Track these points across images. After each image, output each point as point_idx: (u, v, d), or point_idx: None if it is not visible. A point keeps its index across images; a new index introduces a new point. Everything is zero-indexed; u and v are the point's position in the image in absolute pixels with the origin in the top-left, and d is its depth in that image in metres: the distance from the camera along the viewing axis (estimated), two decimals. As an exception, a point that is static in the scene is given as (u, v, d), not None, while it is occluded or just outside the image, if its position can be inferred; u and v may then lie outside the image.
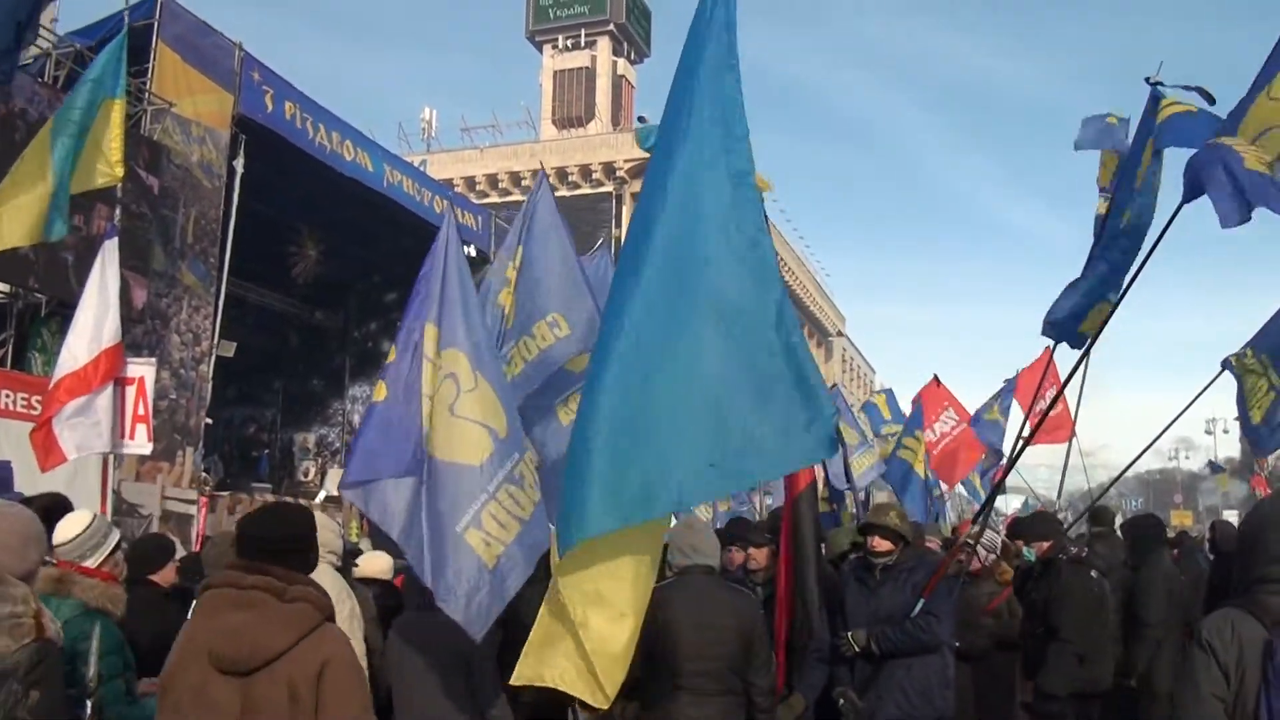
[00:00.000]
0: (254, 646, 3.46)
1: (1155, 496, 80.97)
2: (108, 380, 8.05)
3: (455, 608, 4.81)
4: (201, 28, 18.46)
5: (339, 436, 28.69)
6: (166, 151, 17.43)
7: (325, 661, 3.49)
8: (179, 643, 3.67)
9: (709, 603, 4.42)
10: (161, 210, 17.39)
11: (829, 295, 78.46)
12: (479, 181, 54.20)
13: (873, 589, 6.32)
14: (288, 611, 3.54)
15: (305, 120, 20.52)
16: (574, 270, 7.49)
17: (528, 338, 7.30)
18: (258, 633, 3.47)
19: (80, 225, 15.27)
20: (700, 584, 5.23)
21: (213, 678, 3.48)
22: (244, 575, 3.62)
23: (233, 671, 3.46)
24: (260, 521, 3.87)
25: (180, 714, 3.52)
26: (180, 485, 17.06)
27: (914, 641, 6.04)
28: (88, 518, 4.88)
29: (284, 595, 3.57)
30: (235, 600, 3.58)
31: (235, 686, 3.46)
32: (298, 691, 3.43)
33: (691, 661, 5.10)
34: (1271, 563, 3.31)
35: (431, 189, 24.97)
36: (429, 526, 5.00)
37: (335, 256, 25.56)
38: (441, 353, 5.46)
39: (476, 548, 4.83)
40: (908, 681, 6.05)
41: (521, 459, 5.13)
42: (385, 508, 5.18)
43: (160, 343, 17.39)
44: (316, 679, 3.46)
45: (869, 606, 6.27)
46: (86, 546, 4.72)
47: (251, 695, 3.44)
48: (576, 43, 56.89)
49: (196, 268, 18.44)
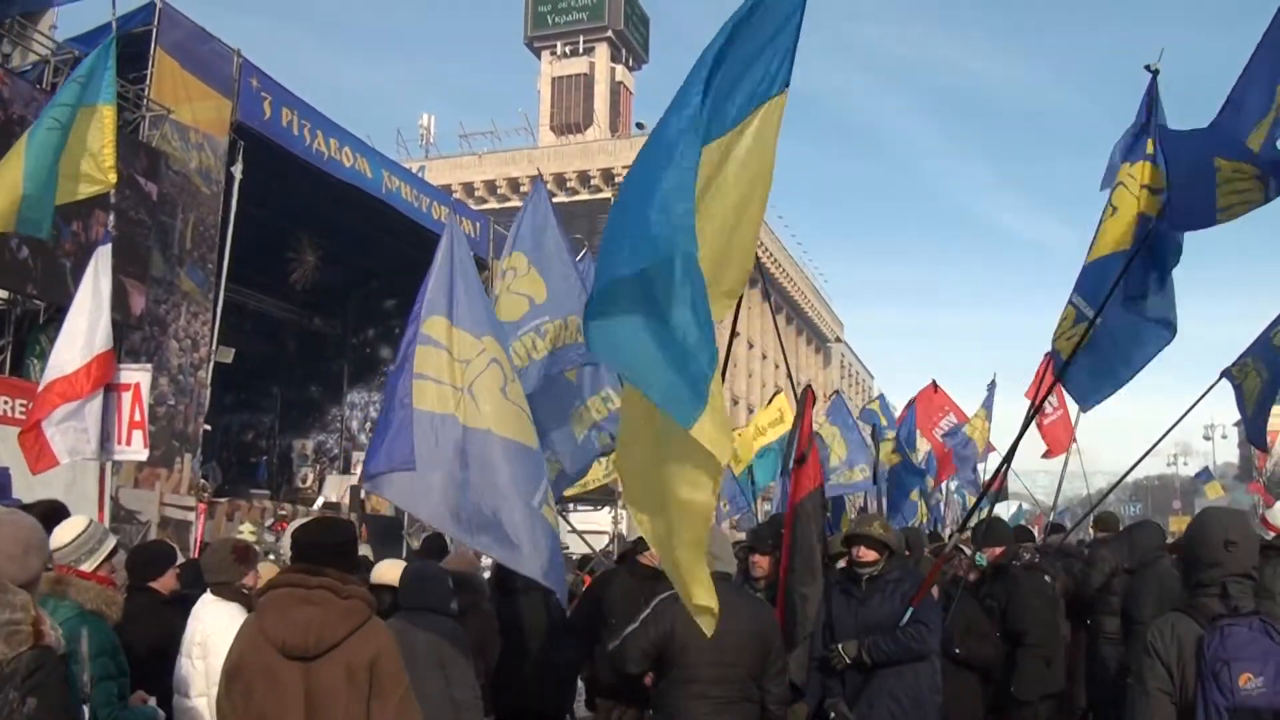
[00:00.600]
0: (319, 636, 3.99)
1: (1154, 502, 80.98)
2: (99, 386, 8.03)
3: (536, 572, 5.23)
4: (200, 34, 18.46)
5: (337, 443, 28.67)
6: (165, 158, 17.42)
7: (377, 650, 4.05)
8: (246, 634, 4.17)
9: (728, 610, 4.43)
10: (160, 216, 17.39)
11: (826, 301, 78.51)
12: (477, 188, 54.25)
13: (860, 600, 6.32)
14: (345, 607, 4.08)
15: (303, 126, 20.53)
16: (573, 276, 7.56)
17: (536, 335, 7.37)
18: (322, 625, 4.01)
19: (79, 232, 15.28)
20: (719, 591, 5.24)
21: (280, 663, 3.99)
22: (308, 577, 4.14)
23: (299, 657, 3.99)
24: (314, 532, 4.49)
25: (251, 696, 4.02)
26: (178, 491, 17.05)
27: (906, 650, 6.04)
28: (84, 522, 4.90)
29: (342, 593, 4.10)
30: (302, 598, 4.09)
31: (300, 670, 3.98)
32: (354, 674, 3.99)
33: (711, 669, 5.12)
34: (1204, 569, 3.88)
35: (430, 195, 24.99)
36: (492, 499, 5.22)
37: (334, 263, 25.56)
38: (483, 338, 5.65)
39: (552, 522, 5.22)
40: (899, 689, 6.05)
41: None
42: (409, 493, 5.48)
43: (159, 349, 17.38)
44: (369, 664, 4.01)
45: (857, 618, 6.26)
46: (83, 550, 4.72)
47: (314, 677, 3.98)
48: (575, 49, 56.99)
49: (195, 274, 18.44)
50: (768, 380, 68.37)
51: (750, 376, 65.11)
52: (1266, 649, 3.72)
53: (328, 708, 3.98)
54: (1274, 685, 3.67)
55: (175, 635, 5.56)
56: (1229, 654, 3.72)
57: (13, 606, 3.36)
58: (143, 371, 8.70)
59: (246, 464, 27.51)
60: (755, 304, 67.89)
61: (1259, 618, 3.80)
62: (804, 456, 6.31)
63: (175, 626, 5.62)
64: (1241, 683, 3.67)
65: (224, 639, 5.34)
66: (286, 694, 3.98)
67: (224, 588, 5.57)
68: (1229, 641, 3.74)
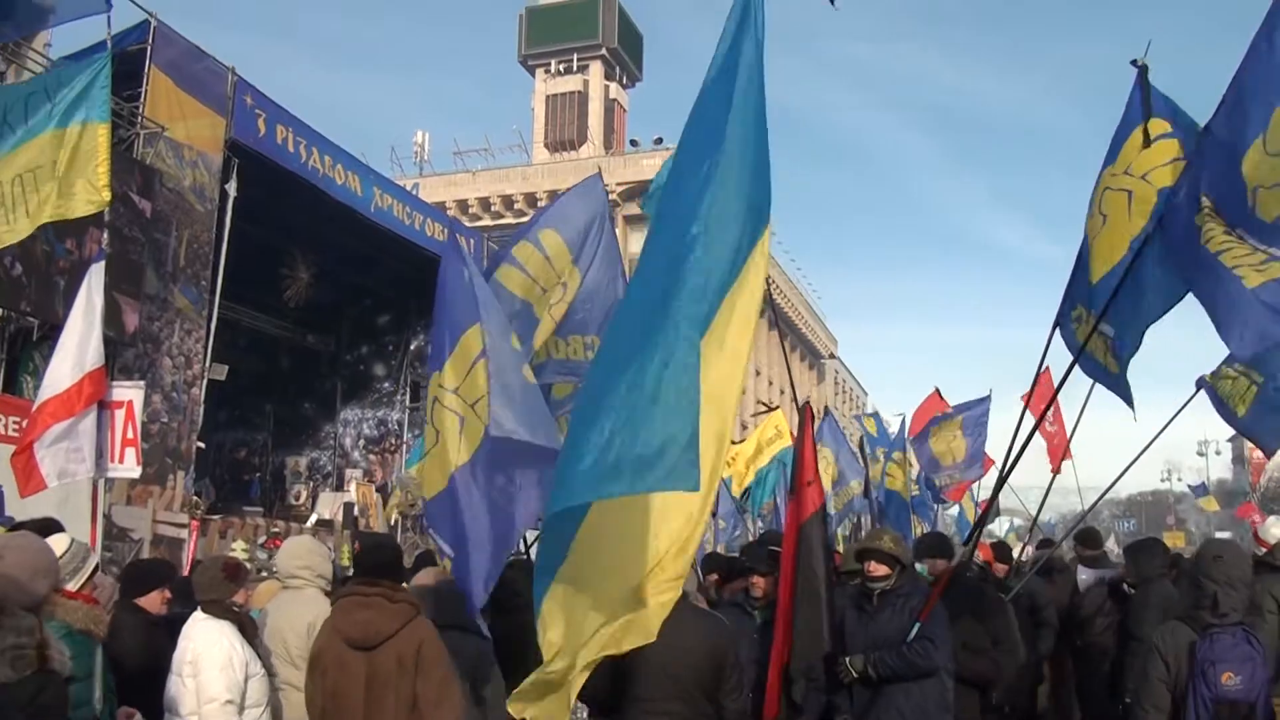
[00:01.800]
0: (375, 631, 5.15)
1: (1148, 518, 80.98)
2: (90, 404, 8.02)
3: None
4: (194, 52, 18.49)
5: (330, 460, 28.60)
6: (159, 175, 17.42)
7: (421, 641, 5.14)
8: (324, 631, 5.33)
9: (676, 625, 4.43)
10: (154, 234, 17.38)
11: (820, 317, 78.54)
12: (471, 205, 54.30)
13: (871, 614, 6.31)
14: (395, 609, 5.21)
15: (298, 144, 20.53)
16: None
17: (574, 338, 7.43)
18: (378, 623, 5.17)
19: (73, 249, 15.28)
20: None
21: (348, 652, 5.18)
22: (367, 587, 5.30)
23: (361, 648, 5.15)
24: (370, 553, 5.73)
25: (328, 675, 5.20)
26: (171, 509, 16.99)
27: (911, 666, 6.02)
28: (66, 542, 4.87)
29: (393, 599, 5.25)
30: (361, 603, 5.25)
31: (363, 658, 5.15)
32: (403, 661, 5.10)
33: (660, 685, 5.10)
34: (1202, 595, 4.93)
35: (423, 212, 24.97)
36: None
37: (327, 280, 25.52)
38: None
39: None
40: (906, 706, 6.04)
41: None
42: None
43: (152, 366, 17.35)
44: (416, 651, 5.10)
45: (867, 632, 6.26)
46: (67, 570, 4.71)
47: (373, 663, 5.13)
48: (569, 67, 57.13)
49: (188, 291, 18.42)
50: (762, 397, 68.32)
51: (744, 393, 65.08)
52: (1246, 654, 4.70)
53: (384, 686, 5.10)
54: (1249, 683, 4.64)
55: (161, 655, 5.53)
56: (1215, 656, 4.71)
57: (18, 630, 3.38)
58: (135, 389, 8.69)
59: (239, 481, 27.42)
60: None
61: (1242, 628, 4.76)
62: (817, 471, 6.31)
63: (162, 645, 5.60)
64: (1224, 680, 4.66)
65: (214, 657, 5.35)
66: (352, 676, 5.13)
67: (214, 605, 5.55)
68: (1216, 646, 4.74)
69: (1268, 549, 7.48)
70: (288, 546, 6.65)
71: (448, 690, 5.10)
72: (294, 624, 5.92)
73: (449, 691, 5.11)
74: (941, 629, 6.24)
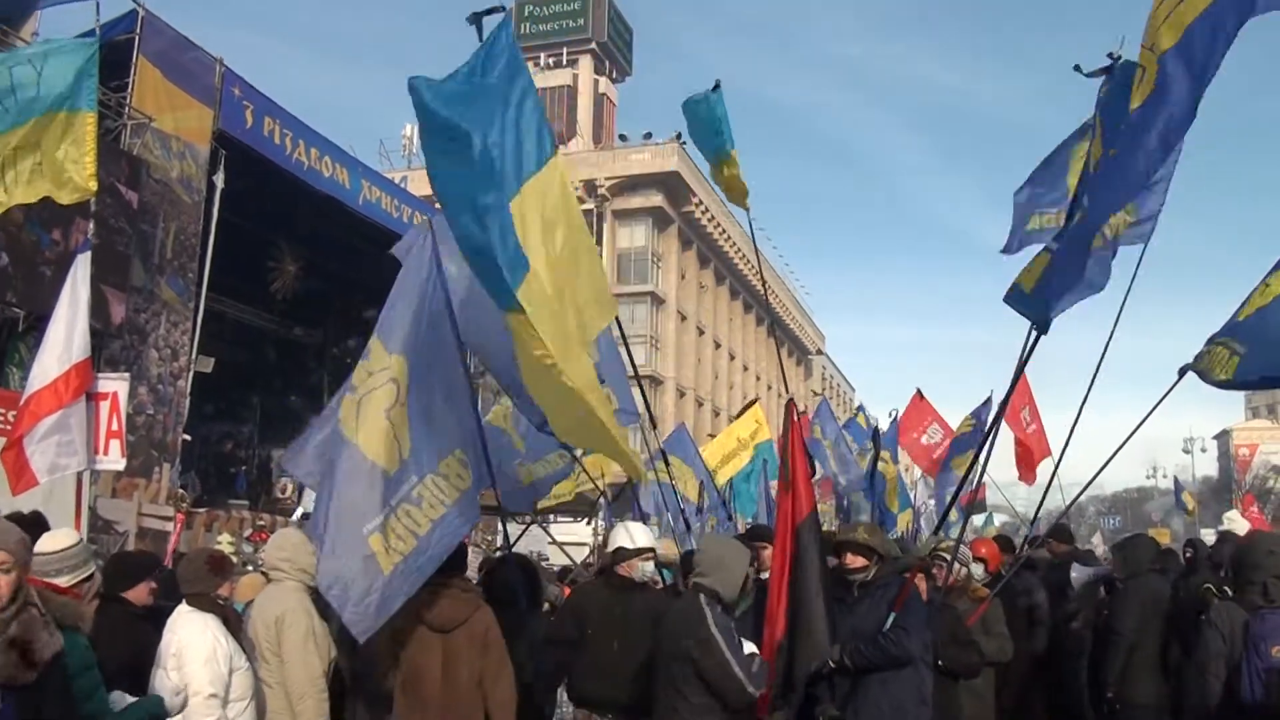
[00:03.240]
0: (451, 617, 5.95)
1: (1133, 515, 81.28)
2: (78, 395, 7.98)
3: (341, 602, 5.62)
4: (183, 43, 18.43)
5: (317, 453, 28.48)
6: (146, 166, 17.37)
7: (486, 625, 5.96)
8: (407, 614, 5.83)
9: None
10: (141, 225, 17.32)
11: (808, 314, 78.70)
12: (459, 198, 54.09)
13: (850, 606, 6.32)
14: (465, 598, 6.07)
15: (285, 136, 20.49)
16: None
17: None
18: (453, 610, 5.97)
19: (59, 240, 15.23)
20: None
21: (427, 634, 5.93)
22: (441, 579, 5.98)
23: (439, 630, 5.93)
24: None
25: (410, 655, 5.92)
26: (157, 502, 16.95)
27: (885, 656, 6.02)
28: (74, 538, 4.87)
29: (464, 590, 6.14)
30: (436, 593, 5.96)
31: (439, 639, 5.92)
32: (473, 641, 5.90)
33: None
34: (1250, 571, 5.89)
35: (411, 205, 24.92)
36: (334, 512, 5.79)
37: (314, 272, 25.46)
38: (391, 354, 6.16)
39: (377, 553, 5.66)
40: (883, 698, 6.04)
41: (420, 481, 5.92)
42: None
43: (138, 358, 17.30)
44: (483, 634, 5.92)
45: (847, 623, 6.27)
46: (64, 564, 4.70)
47: (448, 644, 5.91)
48: (559, 61, 57.05)
49: (175, 283, 18.36)
50: (749, 392, 68.34)
51: (731, 389, 65.15)
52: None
53: (457, 662, 5.88)
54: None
55: (147, 648, 5.51)
56: (1266, 633, 5.53)
57: None
58: (120, 380, 8.65)
59: (225, 474, 27.30)
60: (737, 316, 68.04)
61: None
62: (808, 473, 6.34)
63: (148, 639, 5.58)
64: (1274, 653, 5.44)
65: (198, 651, 5.33)
66: (431, 654, 5.90)
67: (199, 599, 5.53)
68: (1266, 624, 5.58)
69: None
70: (274, 538, 6.70)
71: (504, 668, 5.96)
72: (264, 616, 5.92)
73: (505, 669, 5.97)
74: (916, 618, 6.19)
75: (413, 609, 5.88)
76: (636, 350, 55.47)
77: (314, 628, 5.89)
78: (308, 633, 5.84)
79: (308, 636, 5.85)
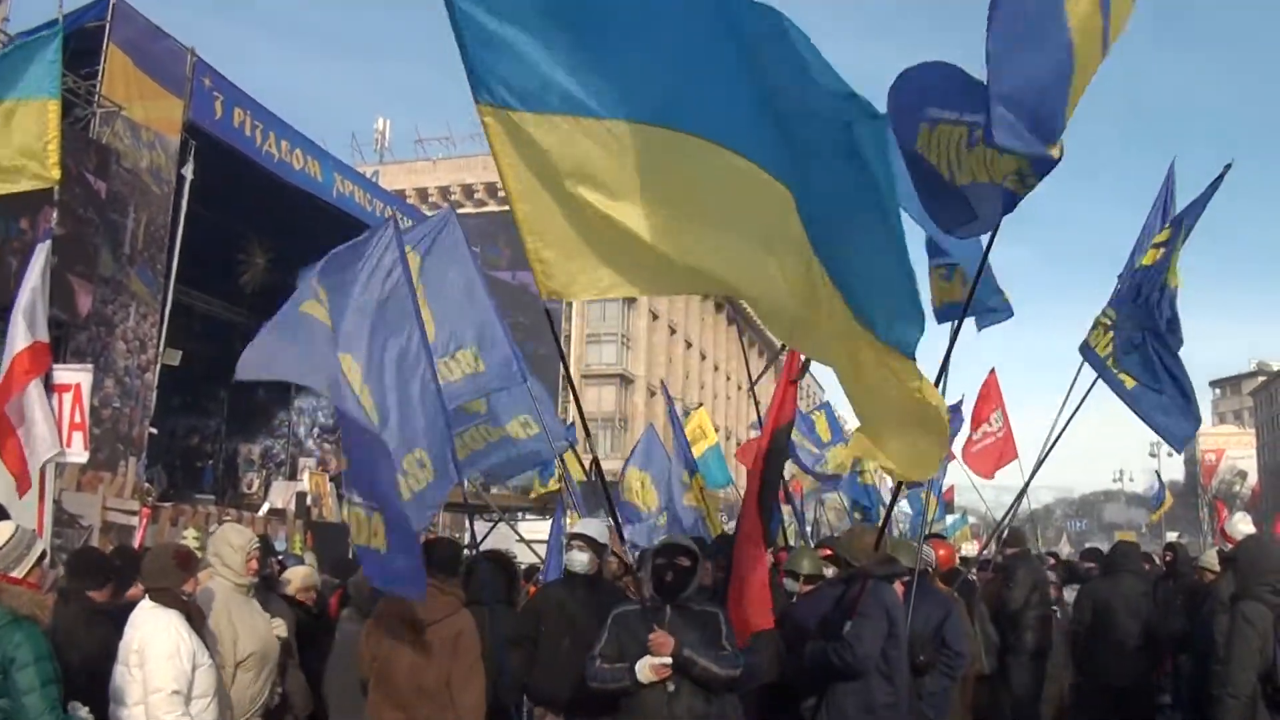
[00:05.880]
0: (423, 615, 5.89)
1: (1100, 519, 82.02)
2: (34, 376, 7.86)
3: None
4: (154, 32, 18.25)
5: (284, 449, 28.34)
6: (115, 155, 17.19)
7: (460, 629, 5.96)
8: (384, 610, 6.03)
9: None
10: (109, 215, 17.14)
11: (780, 314, 78.76)
12: (431, 193, 54.06)
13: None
14: (443, 599, 6.00)
15: (255, 128, 20.32)
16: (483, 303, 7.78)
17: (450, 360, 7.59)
18: (428, 608, 5.88)
19: (26, 229, 15.04)
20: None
21: (400, 629, 5.92)
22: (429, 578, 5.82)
23: (412, 627, 5.89)
24: (428, 547, 6.14)
25: (383, 649, 5.95)
26: (122, 496, 16.76)
27: (825, 666, 6.03)
28: (10, 528, 4.80)
29: (443, 591, 6.01)
30: None
31: (411, 636, 5.90)
32: (444, 642, 5.89)
33: None
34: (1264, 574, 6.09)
35: (383, 199, 24.81)
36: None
37: (283, 265, 25.21)
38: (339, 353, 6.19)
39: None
40: (846, 702, 6.05)
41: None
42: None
43: (105, 350, 17.12)
44: (455, 637, 5.91)
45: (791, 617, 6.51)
46: (11, 558, 4.63)
47: (419, 642, 5.89)
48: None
49: (144, 274, 18.19)
50: (719, 391, 68.59)
51: (703, 388, 65.24)
52: None
53: (426, 661, 5.88)
54: None
55: (107, 648, 5.44)
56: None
57: None
58: (84, 372, 8.56)
59: (192, 468, 27.10)
60: (709, 315, 68.15)
61: None
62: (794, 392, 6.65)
63: (107, 634, 5.51)
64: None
65: (160, 647, 5.25)
66: (401, 649, 5.91)
67: (163, 594, 5.43)
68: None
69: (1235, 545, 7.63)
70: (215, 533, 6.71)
71: (474, 674, 5.92)
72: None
73: (475, 675, 5.92)
74: (868, 626, 6.07)
75: (393, 602, 5.97)
76: (608, 349, 55.60)
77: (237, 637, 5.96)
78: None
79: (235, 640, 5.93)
